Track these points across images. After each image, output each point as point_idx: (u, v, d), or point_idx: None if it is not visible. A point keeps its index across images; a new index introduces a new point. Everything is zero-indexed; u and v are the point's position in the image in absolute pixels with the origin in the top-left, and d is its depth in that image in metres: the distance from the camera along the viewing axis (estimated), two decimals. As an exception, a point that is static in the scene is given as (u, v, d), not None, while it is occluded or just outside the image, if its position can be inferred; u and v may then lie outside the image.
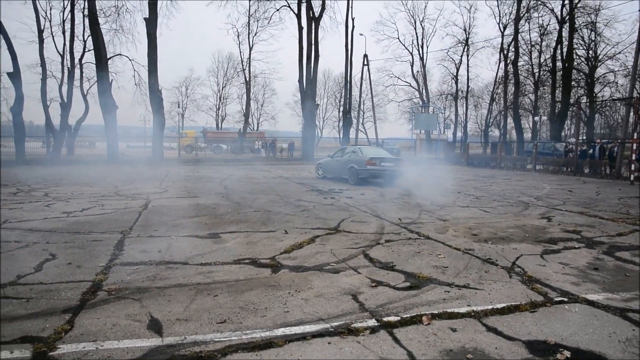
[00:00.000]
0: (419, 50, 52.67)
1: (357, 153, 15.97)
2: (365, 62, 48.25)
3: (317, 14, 34.67)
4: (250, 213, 8.81)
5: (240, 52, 55.95)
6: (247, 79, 49.74)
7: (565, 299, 4.21)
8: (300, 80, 34.93)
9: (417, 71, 53.26)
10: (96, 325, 3.50)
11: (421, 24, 52.16)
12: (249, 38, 46.96)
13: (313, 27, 34.17)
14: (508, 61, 41.29)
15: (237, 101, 59.98)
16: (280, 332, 3.40)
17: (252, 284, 4.51)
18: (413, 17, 54.89)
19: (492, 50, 51.34)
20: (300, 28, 34.94)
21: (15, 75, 25.06)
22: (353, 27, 38.25)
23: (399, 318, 3.67)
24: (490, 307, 3.96)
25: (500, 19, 42.54)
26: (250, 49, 47.89)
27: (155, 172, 19.95)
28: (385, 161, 15.31)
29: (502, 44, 42.63)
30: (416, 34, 53.54)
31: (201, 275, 4.76)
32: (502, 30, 42.38)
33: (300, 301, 4.03)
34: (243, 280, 4.61)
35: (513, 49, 39.49)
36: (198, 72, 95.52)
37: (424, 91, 53.24)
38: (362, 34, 56.55)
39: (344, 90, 44.16)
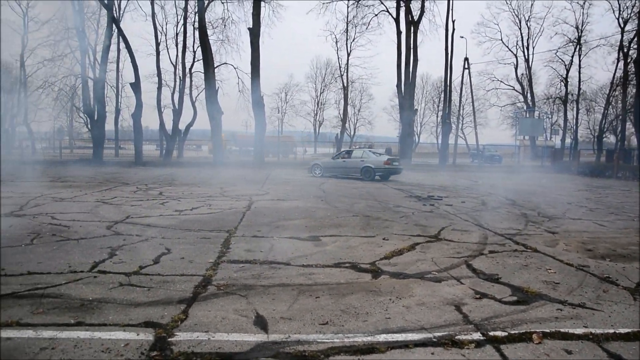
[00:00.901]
0: (523, 52, 49.74)
1: (370, 155, 19.52)
2: (466, 66, 46.57)
3: (416, 18, 34.19)
4: (349, 217, 8.89)
5: (339, 58, 56.46)
6: (345, 85, 50.22)
7: None
8: (398, 85, 34.64)
9: (522, 74, 50.33)
10: (207, 317, 3.73)
11: (527, 24, 49.14)
12: (347, 44, 47.30)
13: (412, 31, 33.73)
14: (628, 60, 37.66)
15: (334, 106, 60.59)
16: (382, 338, 3.38)
17: (353, 287, 4.55)
18: (518, 16, 51.70)
19: (609, 49, 46.59)
20: (399, 32, 34.68)
21: (136, 85, 27.62)
22: (453, 29, 37.12)
23: (506, 334, 3.49)
24: (611, 331, 3.62)
25: (620, 14, 38.85)
26: (348, 54, 48.22)
27: (257, 174, 20.85)
28: (395, 161, 19.59)
29: (621, 41, 38.95)
30: (521, 34, 50.39)
31: (303, 277, 4.89)
32: (621, 25, 38.70)
33: (402, 308, 3.98)
34: (344, 284, 4.66)
35: (635, 46, 35.92)
36: (297, 79, 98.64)
37: (528, 95, 50.21)
38: (462, 37, 54.79)
39: (443, 95, 43.05)
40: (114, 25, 28.54)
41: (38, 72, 32.66)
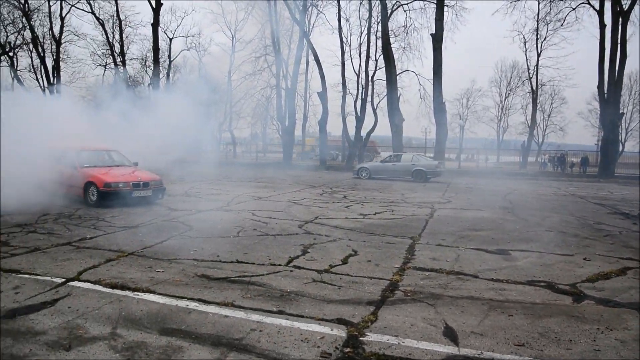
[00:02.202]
0: None
1: (420, 159, 21.81)
2: (693, 60, 38.96)
3: (625, 7, 29.82)
4: (541, 232, 8.14)
5: (527, 59, 52.03)
6: (534, 88, 46.31)
7: None
8: (599, 86, 30.60)
9: None
10: (396, 321, 3.77)
11: None
12: (537, 44, 43.53)
13: (619, 23, 29.52)
14: None
15: (520, 112, 56.16)
16: (591, 371, 3.02)
17: (551, 310, 4.15)
18: None
19: None
20: (602, 26, 30.58)
21: (323, 95, 29.51)
22: (678, 18, 31.48)
23: None
24: None
25: None
26: (538, 55, 44.35)
27: (436, 182, 20.49)
28: (441, 164, 22.56)
29: None
30: None
31: (493, 291, 4.63)
32: None
33: (615, 342, 3.49)
34: (540, 304, 4.28)
35: None
36: (479, 83, 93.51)
37: None
38: (694, 23, 45.37)
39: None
40: (304, 40, 30.91)
41: (241, 85, 36.96)
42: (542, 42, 43.49)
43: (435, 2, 28.86)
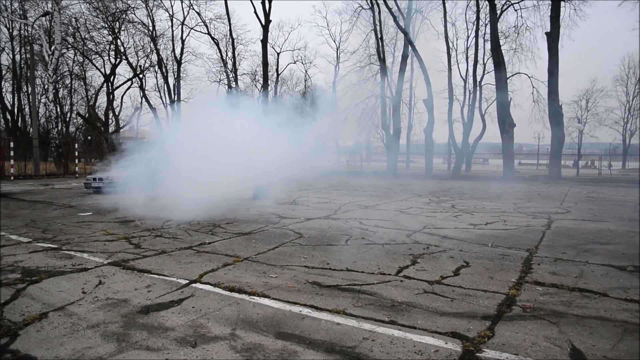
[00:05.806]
0: None
1: None
2: None
3: None
4: (683, 248, 7.21)
5: (662, 53, 46.39)
6: (670, 85, 41.41)
7: None
8: None
9: None
10: (515, 339, 3.56)
11: None
12: (675, 36, 39.00)
13: None
14: None
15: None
16: None
17: (701, 337, 3.65)
18: None
19: None
20: None
21: (428, 102, 28.96)
22: None
23: None
24: None
25: None
26: (677, 48, 39.66)
27: (552, 190, 19.09)
28: None
29: None
30: None
31: (627, 312, 4.19)
32: None
33: None
34: (687, 330, 3.79)
35: None
36: (602, 83, 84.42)
37: None
38: None
39: None
40: (409, 47, 30.60)
41: (345, 95, 37.48)
42: (680, 34, 38.74)
43: (551, -2, 27.06)
